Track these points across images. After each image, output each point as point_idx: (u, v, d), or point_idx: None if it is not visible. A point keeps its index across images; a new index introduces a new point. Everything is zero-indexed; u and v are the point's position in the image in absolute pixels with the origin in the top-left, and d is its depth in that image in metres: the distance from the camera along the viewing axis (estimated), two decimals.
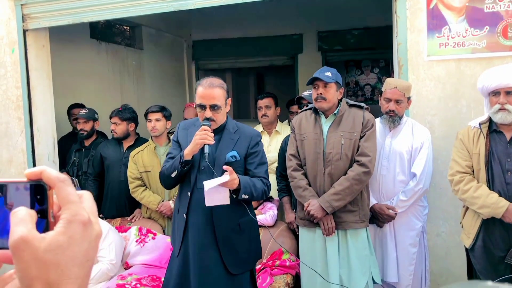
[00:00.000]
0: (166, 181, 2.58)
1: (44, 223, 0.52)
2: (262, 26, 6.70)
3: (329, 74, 2.86)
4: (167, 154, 2.66)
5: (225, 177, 2.30)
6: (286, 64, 7.22)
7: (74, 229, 0.51)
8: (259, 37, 6.85)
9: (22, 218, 0.50)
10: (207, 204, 2.37)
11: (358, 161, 2.84)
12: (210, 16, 6.55)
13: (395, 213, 3.00)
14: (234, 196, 2.43)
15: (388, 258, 3.07)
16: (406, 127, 3.07)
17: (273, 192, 3.56)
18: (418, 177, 2.94)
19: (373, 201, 3.06)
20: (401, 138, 3.05)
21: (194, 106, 2.73)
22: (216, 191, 2.32)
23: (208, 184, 2.28)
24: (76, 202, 0.52)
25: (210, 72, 7.21)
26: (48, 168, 0.53)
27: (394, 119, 3.01)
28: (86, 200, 0.54)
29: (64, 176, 0.53)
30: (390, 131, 3.09)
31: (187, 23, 7.05)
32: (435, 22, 3.16)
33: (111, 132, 3.99)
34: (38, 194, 0.53)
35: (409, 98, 3.05)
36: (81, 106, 4.53)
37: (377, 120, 3.14)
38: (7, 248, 0.52)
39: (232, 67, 7.67)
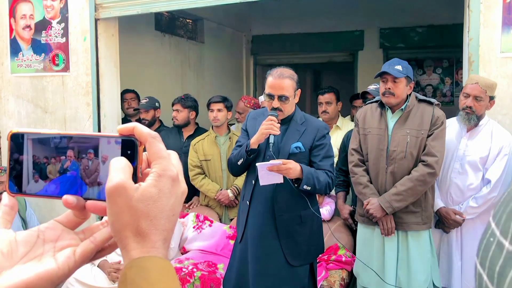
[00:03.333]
0: (233, 168, 2.63)
1: (133, 178, 0.53)
2: (322, 22, 6.63)
3: (399, 67, 2.73)
4: (236, 142, 2.70)
5: (277, 161, 2.34)
6: (345, 60, 7.10)
7: (164, 183, 0.52)
8: (319, 33, 6.78)
9: (122, 167, 0.52)
10: (261, 184, 2.42)
11: (423, 161, 2.69)
12: (270, 11, 6.57)
13: (462, 220, 2.82)
14: (296, 185, 2.43)
15: (453, 266, 2.91)
16: (485, 129, 2.83)
17: None
18: (493, 184, 2.73)
19: (440, 204, 2.89)
20: (479, 140, 2.82)
21: (263, 96, 2.76)
22: (269, 173, 2.37)
23: (260, 166, 2.35)
24: (166, 157, 0.54)
25: (267, 67, 7.23)
26: (140, 124, 0.55)
27: (470, 116, 2.78)
28: (173, 158, 0.55)
29: (155, 133, 0.54)
30: (467, 131, 2.87)
31: (247, 17, 7.10)
32: None
33: (172, 119, 4.09)
34: (128, 149, 0.54)
35: (492, 98, 2.79)
36: (132, 91, 4.61)
37: (453, 119, 2.95)
38: (96, 199, 0.55)
39: (290, 63, 7.65)
